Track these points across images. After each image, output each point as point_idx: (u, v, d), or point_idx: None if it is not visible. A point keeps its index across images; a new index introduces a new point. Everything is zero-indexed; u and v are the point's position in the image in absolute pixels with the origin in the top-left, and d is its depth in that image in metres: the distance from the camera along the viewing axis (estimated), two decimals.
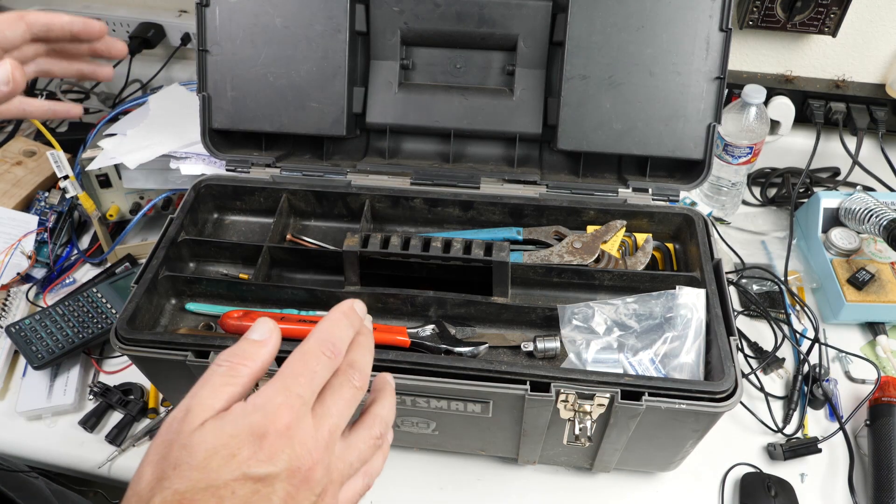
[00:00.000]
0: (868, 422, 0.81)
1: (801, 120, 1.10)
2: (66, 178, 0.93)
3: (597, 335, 0.72)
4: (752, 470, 0.80)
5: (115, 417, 0.85)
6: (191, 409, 0.36)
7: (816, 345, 0.88)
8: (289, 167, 0.86)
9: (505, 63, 0.86)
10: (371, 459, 0.42)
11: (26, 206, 1.06)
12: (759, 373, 0.88)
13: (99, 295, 0.91)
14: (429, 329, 0.71)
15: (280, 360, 0.40)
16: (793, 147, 1.12)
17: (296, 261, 0.81)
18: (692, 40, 0.79)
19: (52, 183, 1.09)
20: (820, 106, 1.08)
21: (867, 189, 1.07)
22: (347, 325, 0.42)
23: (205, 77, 0.84)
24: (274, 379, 0.38)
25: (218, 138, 0.87)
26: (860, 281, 0.90)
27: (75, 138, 1.07)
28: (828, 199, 0.97)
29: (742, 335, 0.92)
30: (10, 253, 0.97)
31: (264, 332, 0.40)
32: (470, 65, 0.87)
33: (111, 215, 1.00)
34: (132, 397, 0.86)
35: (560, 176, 0.87)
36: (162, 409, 0.86)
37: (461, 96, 0.86)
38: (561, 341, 0.72)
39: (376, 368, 0.64)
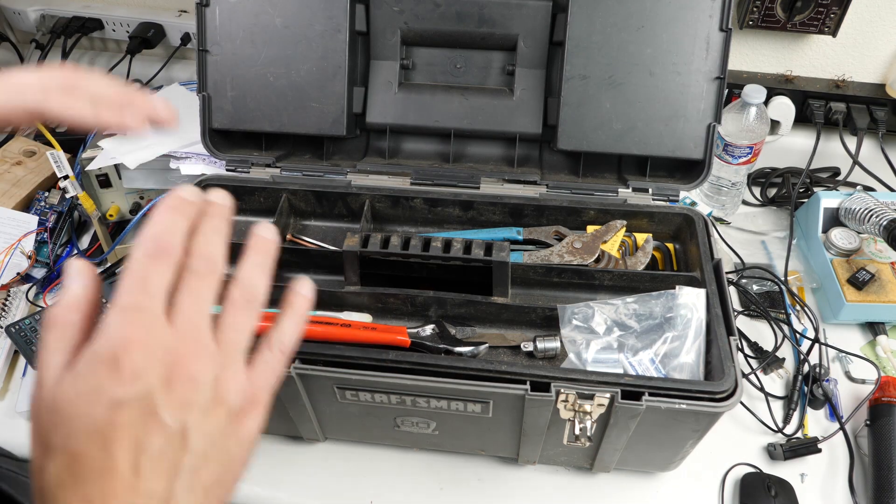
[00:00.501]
0: (868, 422, 0.81)
1: (801, 120, 1.10)
2: (66, 178, 0.93)
3: (597, 335, 0.72)
4: (752, 470, 0.80)
5: None
6: (41, 374, 0.34)
7: (816, 345, 0.88)
8: (289, 167, 0.86)
9: (505, 63, 0.86)
10: (273, 326, 0.40)
11: (26, 206, 1.06)
12: (759, 373, 0.88)
13: None
14: (429, 329, 0.71)
15: None
16: (793, 147, 1.12)
17: (296, 261, 0.81)
18: (692, 40, 0.79)
19: (52, 183, 1.09)
20: (820, 106, 1.08)
21: (867, 189, 1.07)
22: (173, 216, 0.37)
23: (205, 77, 0.84)
24: (109, 305, 0.35)
25: (218, 138, 0.87)
26: (860, 281, 0.90)
27: (75, 138, 1.07)
28: (828, 199, 0.97)
29: (742, 335, 0.92)
30: (10, 253, 0.97)
31: (73, 273, 0.36)
32: (470, 65, 0.87)
33: (111, 215, 1.00)
34: None
35: (560, 176, 0.87)
36: None
37: (461, 96, 0.86)
38: (561, 341, 0.72)
39: (375, 368, 0.64)
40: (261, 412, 0.38)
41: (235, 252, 0.42)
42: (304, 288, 0.44)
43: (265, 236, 0.43)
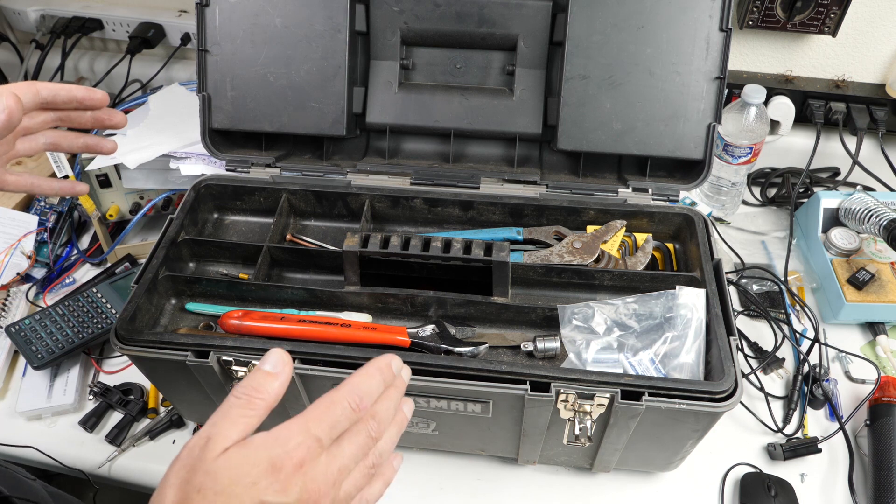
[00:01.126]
0: (868, 422, 0.81)
1: (801, 120, 1.10)
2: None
3: (597, 335, 0.72)
4: (752, 470, 0.80)
5: (115, 417, 0.85)
6: (212, 437, 0.39)
7: (816, 345, 0.88)
8: (289, 167, 0.86)
9: (505, 63, 0.86)
10: (367, 486, 0.45)
11: (26, 206, 1.06)
12: (759, 373, 0.88)
13: (99, 295, 0.91)
14: (429, 329, 0.71)
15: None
16: (793, 147, 1.12)
17: (296, 261, 0.81)
18: (692, 40, 0.79)
19: None
20: (820, 106, 1.08)
21: (867, 189, 1.07)
22: (380, 382, 0.46)
23: (205, 77, 0.84)
24: (298, 417, 0.41)
25: (218, 138, 0.87)
26: (860, 281, 0.90)
27: None
28: (828, 199, 0.97)
29: (742, 335, 0.92)
30: (10, 253, 0.97)
31: (276, 363, 0.43)
32: (470, 65, 0.87)
33: (111, 215, 1.00)
34: (132, 397, 0.86)
35: (560, 176, 0.87)
36: (162, 409, 0.86)
37: (461, 96, 0.86)
38: (561, 341, 0.72)
39: None
40: None
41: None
42: (396, 460, 0.49)
43: (408, 415, 0.50)
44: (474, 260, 0.72)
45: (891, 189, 1.06)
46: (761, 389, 0.86)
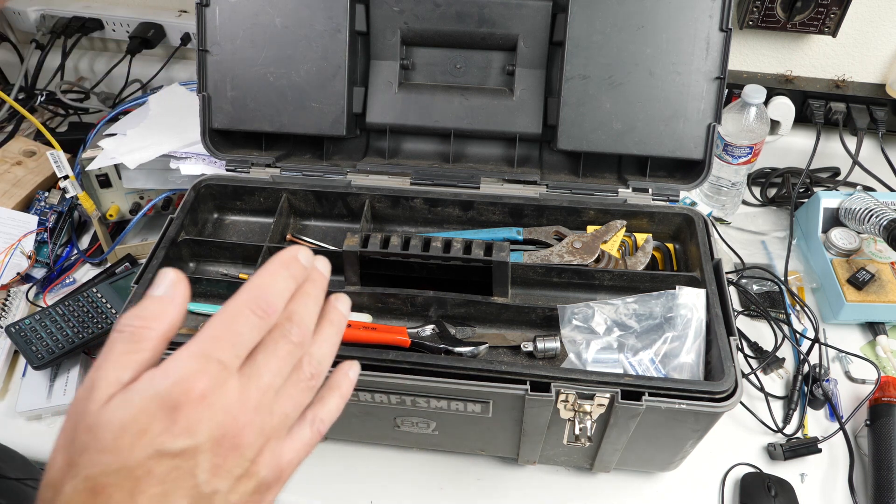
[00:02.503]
0: (868, 422, 0.81)
1: (801, 120, 1.10)
2: (66, 178, 0.93)
3: (597, 335, 0.72)
4: (752, 470, 0.80)
5: None
6: (95, 384, 0.32)
7: (816, 345, 0.88)
8: (289, 167, 0.86)
9: (505, 63, 0.86)
10: (317, 404, 0.39)
11: (26, 206, 1.06)
12: (759, 373, 0.88)
13: (99, 295, 0.91)
14: (429, 329, 0.71)
15: None
16: (793, 147, 1.12)
17: None
18: (692, 40, 0.79)
19: (52, 183, 1.09)
20: (820, 106, 1.08)
21: (867, 189, 1.07)
22: (287, 277, 0.37)
23: (205, 77, 0.84)
24: (190, 342, 0.33)
25: (218, 138, 0.87)
26: (860, 281, 0.90)
27: (75, 138, 1.07)
28: (828, 199, 0.97)
29: (742, 335, 0.92)
30: (10, 253, 0.97)
31: (167, 285, 0.35)
32: (470, 65, 0.87)
33: (111, 215, 1.00)
34: None
35: (560, 176, 0.87)
36: None
37: (461, 96, 0.86)
38: (561, 341, 0.72)
39: (375, 368, 0.64)
40: (281, 487, 0.37)
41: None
42: (352, 370, 0.42)
43: (342, 311, 0.41)
44: (474, 260, 0.72)
45: (891, 189, 1.06)
46: (761, 389, 0.86)
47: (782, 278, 0.97)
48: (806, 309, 0.94)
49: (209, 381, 0.32)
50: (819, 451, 0.80)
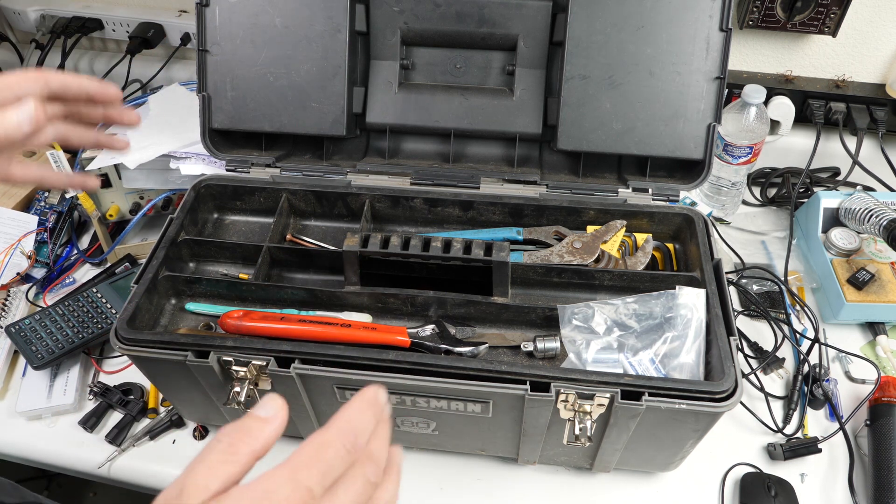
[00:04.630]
0: (868, 422, 0.81)
1: (801, 120, 1.10)
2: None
3: (597, 335, 0.72)
4: (752, 470, 0.80)
5: (115, 417, 0.85)
6: (185, 488, 0.34)
7: (816, 345, 0.88)
8: (289, 167, 0.86)
9: (505, 63, 0.86)
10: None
11: (26, 206, 1.06)
12: (759, 373, 0.88)
13: (99, 295, 0.91)
14: (429, 329, 0.71)
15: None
16: (793, 147, 1.12)
17: (296, 261, 0.81)
18: (692, 40, 0.79)
19: None
20: (820, 106, 1.08)
21: (867, 189, 1.07)
22: (372, 417, 0.39)
23: (205, 77, 0.84)
24: (283, 464, 0.35)
25: (218, 138, 0.87)
26: (860, 281, 0.90)
27: None
28: (828, 199, 0.97)
29: (742, 335, 0.92)
30: (10, 253, 0.97)
31: (270, 409, 0.37)
32: (470, 65, 0.87)
33: (111, 215, 1.00)
34: (132, 397, 0.86)
35: (560, 176, 0.87)
36: (162, 409, 0.86)
37: (461, 96, 0.86)
38: (561, 341, 0.72)
39: (375, 368, 0.64)
40: None
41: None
42: (399, 454, 0.44)
43: (400, 455, 0.45)
44: (474, 260, 0.72)
45: (891, 189, 1.06)
46: (761, 389, 0.86)
47: (782, 278, 0.97)
48: (806, 309, 0.94)
49: None
50: (819, 451, 0.80)
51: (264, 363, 0.65)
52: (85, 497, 1.53)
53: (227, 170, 0.86)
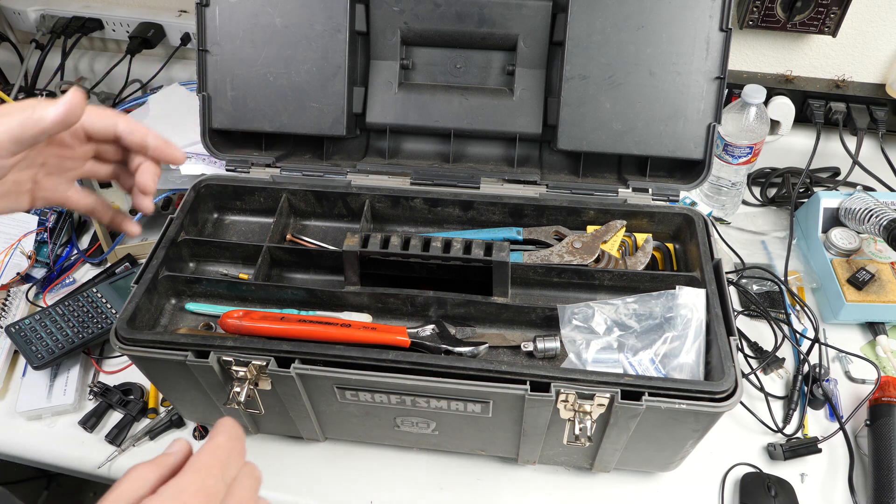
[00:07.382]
0: (868, 422, 0.81)
1: (801, 120, 1.10)
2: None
3: (597, 335, 0.72)
4: (752, 470, 0.80)
5: (115, 417, 0.85)
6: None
7: (816, 345, 0.88)
8: (289, 167, 0.86)
9: (505, 63, 0.86)
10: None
11: None
12: (759, 373, 0.88)
13: (99, 295, 0.91)
14: (429, 329, 0.71)
15: None
16: (793, 147, 1.12)
17: (296, 261, 0.81)
18: (692, 40, 0.79)
19: None
20: (820, 106, 1.08)
21: (867, 189, 1.07)
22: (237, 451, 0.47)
23: (205, 77, 0.84)
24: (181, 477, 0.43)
25: (218, 138, 0.87)
26: (860, 281, 0.90)
27: None
28: (828, 199, 0.97)
29: (742, 335, 0.92)
30: (10, 253, 0.97)
31: (177, 447, 0.47)
32: (470, 65, 0.87)
33: None
34: (132, 397, 0.86)
35: (560, 176, 0.87)
36: (162, 409, 0.86)
37: (461, 96, 0.86)
38: (561, 341, 0.72)
39: (375, 368, 0.64)
40: None
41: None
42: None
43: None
44: (474, 260, 0.72)
45: (891, 189, 1.06)
46: (761, 389, 0.86)
47: (782, 278, 0.97)
48: (806, 309, 0.94)
49: None
50: (819, 451, 0.80)
51: (264, 363, 0.65)
52: (85, 497, 1.53)
53: (227, 170, 0.86)
